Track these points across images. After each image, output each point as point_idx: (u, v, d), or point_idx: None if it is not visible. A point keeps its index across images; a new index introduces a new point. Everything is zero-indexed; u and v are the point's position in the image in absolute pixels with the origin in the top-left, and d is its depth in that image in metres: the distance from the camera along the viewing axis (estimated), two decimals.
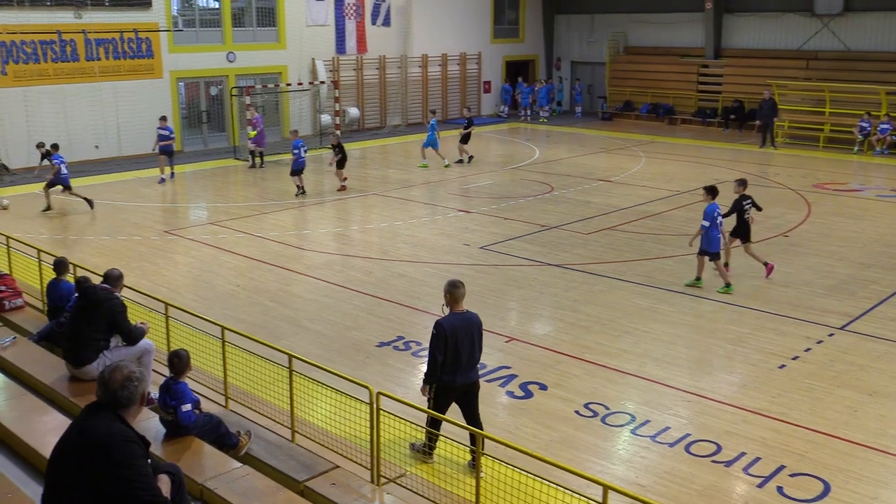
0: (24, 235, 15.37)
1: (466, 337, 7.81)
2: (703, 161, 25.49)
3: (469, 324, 7.89)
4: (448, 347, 7.71)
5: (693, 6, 33.62)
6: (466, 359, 7.84)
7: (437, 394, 7.91)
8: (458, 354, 7.76)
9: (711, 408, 9.43)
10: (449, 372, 7.79)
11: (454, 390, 7.90)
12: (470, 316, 7.95)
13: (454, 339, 7.72)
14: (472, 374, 8.01)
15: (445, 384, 7.85)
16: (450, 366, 7.76)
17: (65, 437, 4.55)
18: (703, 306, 12.82)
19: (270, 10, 29.01)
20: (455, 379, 7.82)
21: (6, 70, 23.09)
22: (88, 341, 8.25)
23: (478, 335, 7.96)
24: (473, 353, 7.92)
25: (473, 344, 7.89)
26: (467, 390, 8.02)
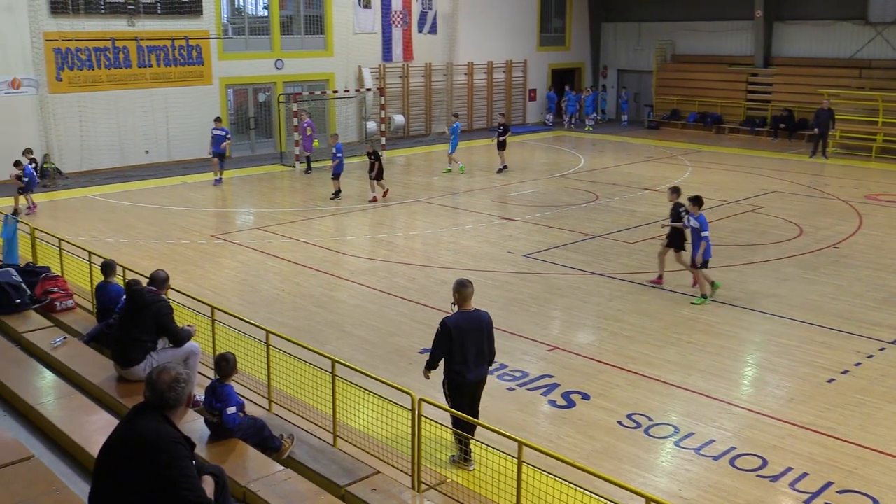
0: (76, 238, 15.70)
1: (475, 335, 7.99)
2: (751, 171, 25.14)
3: (478, 322, 8.07)
4: (455, 345, 7.88)
5: (743, 14, 33.21)
6: (475, 356, 8.02)
7: (452, 392, 8.09)
8: (465, 352, 7.94)
9: (757, 421, 9.28)
10: (459, 369, 7.97)
11: (467, 386, 8.09)
12: (480, 314, 8.13)
13: (461, 338, 7.90)
14: (482, 371, 8.21)
15: (458, 381, 8.03)
16: (459, 363, 7.95)
17: (112, 436, 4.62)
18: (749, 318, 12.63)
19: (319, 19, 29.32)
20: (466, 376, 8.02)
21: (61, 76, 23.63)
22: (136, 343, 8.37)
23: (487, 333, 8.14)
24: (482, 351, 8.11)
25: (482, 342, 8.08)
26: (476, 386, 8.23)
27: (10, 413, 7.86)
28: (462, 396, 8.11)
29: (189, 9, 25.55)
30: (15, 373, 8.43)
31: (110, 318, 9.76)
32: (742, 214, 19.20)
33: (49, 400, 7.89)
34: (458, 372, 8.00)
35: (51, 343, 9.36)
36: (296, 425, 8.34)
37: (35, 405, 7.68)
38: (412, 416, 7.15)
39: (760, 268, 15.09)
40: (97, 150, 24.28)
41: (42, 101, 23.30)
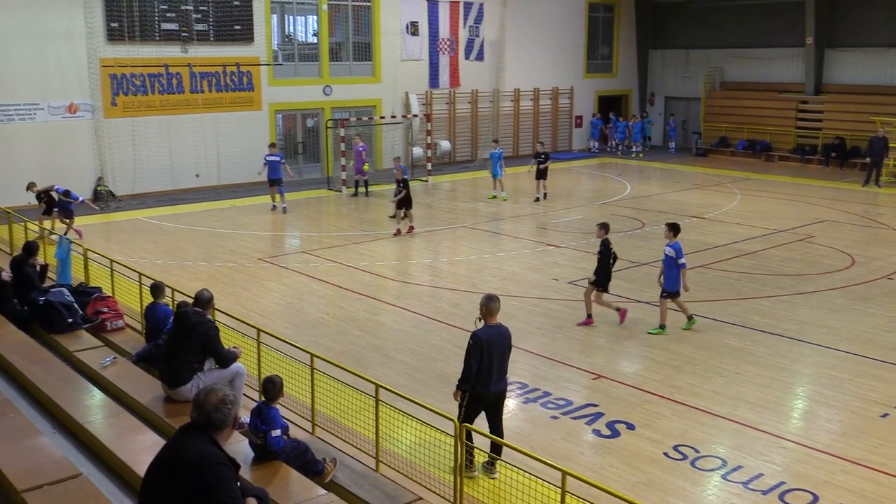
0: (127, 259, 15.99)
1: (499, 349, 8.21)
2: (801, 199, 24.76)
3: (501, 337, 8.29)
4: (483, 358, 8.06)
5: (793, 41, 32.91)
6: (498, 369, 8.22)
7: (469, 402, 8.21)
8: (490, 365, 8.12)
9: (808, 455, 9.06)
10: (483, 382, 8.13)
11: (486, 399, 8.27)
12: (502, 329, 8.34)
13: (489, 351, 8.09)
14: (503, 384, 8.42)
15: (479, 393, 8.18)
16: (484, 376, 8.12)
17: (159, 456, 4.67)
18: (799, 349, 12.38)
19: (367, 45, 29.68)
20: (489, 388, 8.19)
21: (116, 101, 24.20)
22: (183, 363, 8.47)
23: (508, 348, 8.37)
24: (504, 364, 8.34)
25: (504, 355, 8.32)
26: (497, 399, 8.40)
27: (61, 431, 8.00)
28: (478, 408, 8.29)
29: (241, 36, 26.05)
30: (66, 391, 8.58)
31: (159, 339, 9.91)
32: (792, 244, 18.90)
33: (98, 419, 8.01)
34: (483, 384, 8.14)
35: (101, 362, 9.52)
36: (339, 449, 8.35)
37: (84, 423, 7.80)
38: (455, 443, 7.12)
39: (811, 298, 14.82)
40: (149, 173, 24.77)
41: (97, 126, 23.88)
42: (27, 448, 7.01)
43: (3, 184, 21.94)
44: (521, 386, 10.93)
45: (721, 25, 35.51)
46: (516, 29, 33.19)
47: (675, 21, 37.35)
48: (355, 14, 29.40)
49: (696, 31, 36.41)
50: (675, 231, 13.11)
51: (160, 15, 24.47)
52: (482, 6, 32.10)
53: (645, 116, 37.17)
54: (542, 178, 24.39)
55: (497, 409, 8.44)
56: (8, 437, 7.15)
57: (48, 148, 23.20)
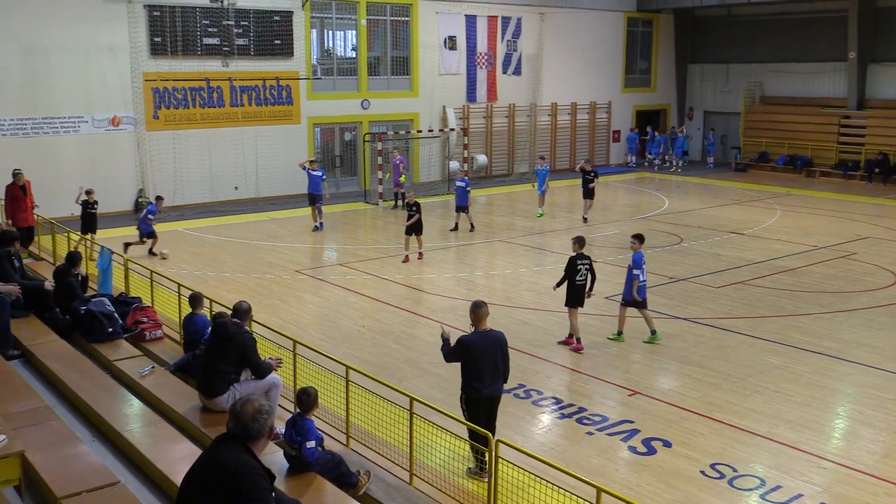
0: (167, 270, 16.20)
1: (489, 353, 8.45)
2: (843, 215, 24.39)
3: (493, 342, 8.52)
4: (470, 363, 8.43)
5: (835, 56, 32.51)
6: (490, 373, 8.46)
7: (469, 406, 8.52)
8: (481, 369, 8.42)
9: (849, 476, 8.88)
10: (476, 385, 8.43)
11: (482, 401, 8.49)
12: (494, 334, 8.57)
13: (476, 355, 8.41)
14: (497, 388, 8.60)
15: (475, 396, 8.48)
16: (476, 380, 8.44)
17: (195, 466, 4.70)
18: (841, 367, 12.16)
19: (405, 60, 29.86)
20: (482, 391, 8.44)
21: (158, 115, 24.59)
22: (220, 374, 8.54)
23: (501, 352, 8.55)
24: (497, 368, 8.53)
25: (497, 359, 8.51)
26: (491, 402, 8.61)
27: (100, 439, 8.10)
28: (478, 411, 8.47)
29: (280, 50, 26.35)
30: (105, 399, 8.70)
31: (197, 349, 10.01)
32: (833, 260, 18.60)
33: (136, 427, 8.10)
34: (475, 388, 8.44)
35: (139, 372, 9.63)
36: (373, 462, 8.36)
37: (123, 432, 7.90)
38: (489, 458, 7.09)
39: (853, 316, 14.56)
40: (189, 185, 25.11)
41: (139, 138, 24.27)
42: (67, 455, 7.11)
43: (47, 195, 22.32)
44: (557, 401, 10.86)
45: (761, 39, 35.20)
46: (554, 43, 33.18)
47: (715, 35, 37.09)
48: (394, 29, 29.60)
49: (735, 45, 36.11)
50: (640, 241, 13.19)
51: (202, 30, 24.84)
52: (520, 20, 32.15)
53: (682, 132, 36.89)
54: (589, 198, 23.46)
55: (491, 410, 8.63)
56: (49, 444, 7.26)
57: (91, 160, 23.62)
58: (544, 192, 24.25)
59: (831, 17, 32.64)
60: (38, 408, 8.10)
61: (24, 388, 8.67)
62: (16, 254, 12.28)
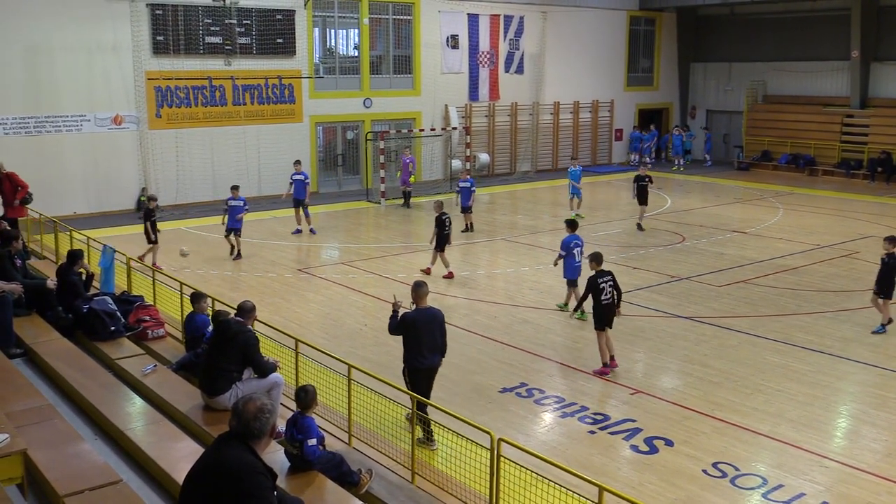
0: (169, 268, 16.21)
1: (428, 328, 9.26)
2: (846, 214, 24.36)
3: (431, 318, 9.35)
4: (411, 337, 9.21)
5: (838, 55, 32.48)
6: (429, 346, 9.25)
7: (411, 378, 9.26)
8: (420, 343, 9.19)
9: (851, 476, 8.88)
10: (416, 357, 9.21)
11: (422, 372, 9.26)
12: (433, 311, 9.43)
13: (416, 330, 9.20)
14: (435, 359, 9.42)
15: (415, 367, 9.24)
16: (415, 352, 9.21)
17: (197, 464, 4.71)
18: (843, 367, 12.15)
19: (407, 59, 29.85)
20: (422, 362, 9.23)
21: (160, 113, 24.60)
22: (222, 372, 8.55)
23: (439, 327, 9.39)
24: (435, 342, 9.33)
25: (435, 334, 9.32)
26: (430, 372, 9.39)
27: (102, 437, 8.12)
28: (420, 381, 9.22)
29: (283, 49, 26.35)
30: (107, 398, 8.71)
31: (199, 348, 10.02)
32: (836, 259, 18.59)
33: (138, 426, 8.11)
34: (416, 360, 9.21)
35: (142, 370, 9.65)
36: (374, 460, 8.37)
37: (125, 430, 7.91)
38: (491, 456, 7.09)
39: (855, 315, 14.55)
40: (191, 184, 25.11)
41: (142, 137, 24.28)
42: (69, 454, 7.12)
43: (50, 193, 22.36)
44: (559, 400, 10.86)
45: (764, 38, 35.17)
46: (557, 42, 33.15)
47: (718, 34, 37.06)
48: (396, 27, 29.59)
49: (738, 44, 36.08)
50: (570, 227, 14.73)
51: (204, 29, 24.84)
52: (522, 19, 32.13)
53: (686, 130, 36.87)
54: (643, 204, 21.93)
55: (429, 380, 9.43)
56: (51, 442, 7.27)
57: (94, 159, 23.64)
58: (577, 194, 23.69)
59: (834, 16, 32.60)
60: (40, 406, 8.11)
61: (26, 387, 8.68)
62: (18, 253, 12.30)
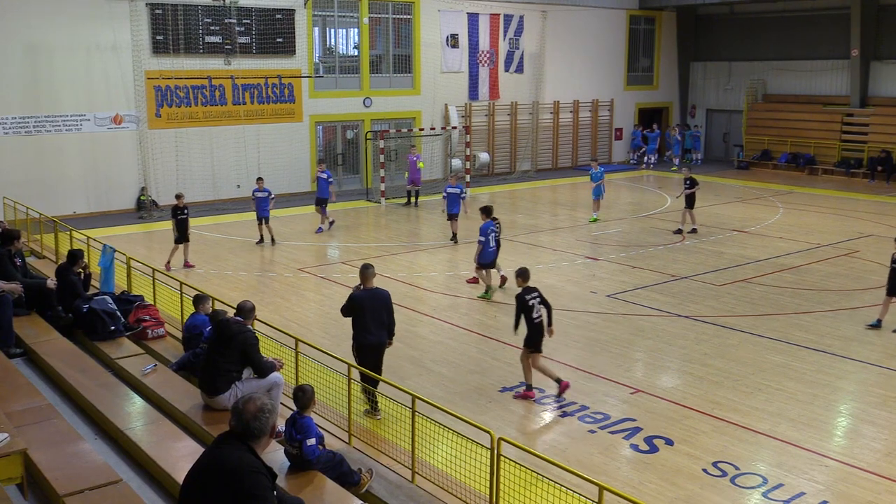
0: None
1: (374, 307, 9.95)
2: (845, 213, 24.36)
3: (379, 298, 10.06)
4: (358, 315, 9.93)
5: (838, 53, 32.48)
6: (375, 324, 9.94)
7: (358, 353, 9.98)
8: (366, 320, 9.90)
9: (851, 475, 8.88)
10: (362, 334, 9.93)
11: (368, 347, 9.94)
12: (381, 292, 10.16)
13: (362, 309, 9.92)
14: (381, 336, 10.05)
15: (362, 343, 9.96)
16: (363, 330, 9.92)
17: (197, 464, 4.70)
18: (843, 366, 12.15)
19: (407, 58, 29.85)
20: (368, 339, 9.93)
21: (160, 113, 24.60)
22: (222, 372, 8.54)
23: (385, 306, 10.06)
24: (381, 320, 10.01)
25: (381, 312, 10.01)
26: (377, 348, 10.03)
27: (102, 437, 8.11)
28: (366, 356, 9.89)
29: (282, 49, 26.35)
30: (107, 398, 8.71)
31: (198, 347, 10.01)
32: (836, 258, 18.59)
33: (138, 425, 8.11)
34: (363, 336, 9.92)
35: (142, 370, 9.65)
36: (375, 459, 8.37)
37: (125, 430, 7.91)
38: (491, 455, 7.09)
39: (856, 314, 14.55)
40: (191, 183, 25.07)
41: (141, 136, 24.27)
42: (69, 453, 7.12)
43: (50, 193, 22.40)
44: (558, 399, 10.85)
45: (764, 37, 35.17)
46: (556, 41, 33.14)
47: (717, 33, 37.05)
48: (396, 27, 29.59)
49: (738, 42, 36.08)
50: (487, 213, 15.59)
51: (204, 28, 24.84)
52: (522, 18, 32.12)
53: (688, 128, 36.87)
54: (689, 207, 21.31)
55: (377, 356, 10.05)
56: (51, 442, 7.27)
57: (93, 158, 23.65)
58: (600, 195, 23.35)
59: (834, 15, 32.59)
60: (40, 406, 8.11)
61: (26, 387, 8.68)
62: (18, 252, 12.29)
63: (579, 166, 34.21)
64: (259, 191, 19.94)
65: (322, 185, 21.82)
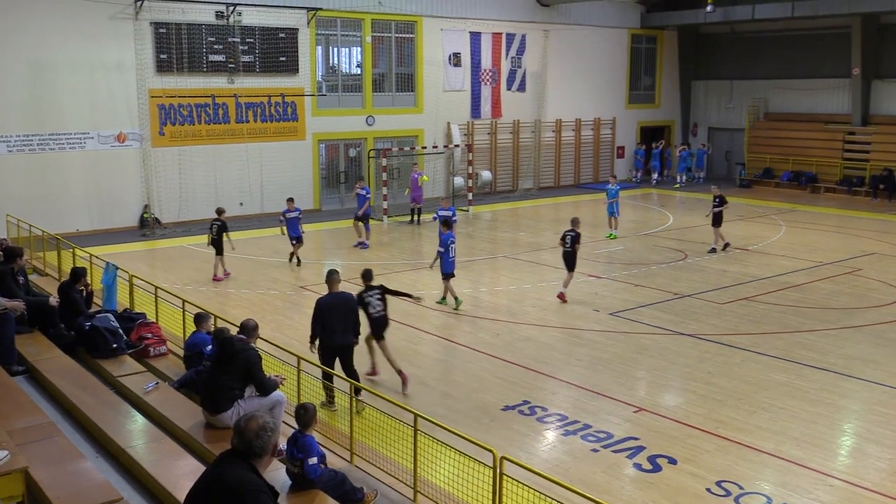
0: (171, 286, 16.19)
1: (339, 310, 10.61)
2: (848, 231, 24.35)
3: (342, 300, 10.74)
4: (325, 318, 10.52)
5: (840, 72, 32.57)
6: (340, 326, 10.58)
7: (322, 352, 10.56)
8: (332, 323, 10.53)
9: (856, 494, 8.83)
10: (328, 336, 10.55)
11: (333, 348, 10.58)
12: (344, 295, 10.85)
13: (328, 312, 10.57)
14: (346, 338, 10.68)
15: (327, 344, 10.56)
16: (329, 331, 10.54)
17: (199, 483, 4.69)
18: (847, 384, 12.11)
19: (409, 76, 29.98)
20: (333, 340, 10.55)
21: (164, 131, 24.68)
22: (224, 390, 8.52)
23: (350, 310, 10.75)
24: (346, 322, 10.68)
25: (346, 315, 10.69)
26: (343, 349, 10.65)
27: (103, 455, 8.09)
28: (329, 356, 10.54)
29: (286, 67, 26.47)
30: (109, 416, 8.69)
31: (199, 365, 10.00)
32: (838, 277, 18.56)
33: (139, 443, 8.08)
34: (328, 337, 10.54)
35: (143, 388, 9.62)
36: (376, 478, 8.33)
37: (126, 448, 7.88)
38: (493, 474, 7.06)
39: (859, 332, 14.51)
40: (194, 201, 25.15)
41: (145, 154, 24.33)
42: (71, 471, 7.10)
43: (53, 210, 22.43)
44: (561, 418, 10.82)
45: (765, 56, 35.29)
46: (558, 60, 33.27)
47: (719, 52, 37.19)
48: (398, 46, 29.73)
49: (739, 61, 36.20)
50: (446, 226, 16.64)
51: (208, 47, 24.97)
52: (524, 37, 32.27)
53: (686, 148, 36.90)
54: (716, 225, 21.45)
55: (345, 357, 10.66)
56: (52, 460, 7.25)
57: (97, 176, 23.71)
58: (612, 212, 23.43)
59: (835, 34, 32.71)
60: (41, 424, 8.09)
61: (28, 404, 8.66)
62: (20, 270, 12.30)
63: (581, 184, 34.29)
64: (290, 211, 19.98)
65: (361, 200, 22.16)
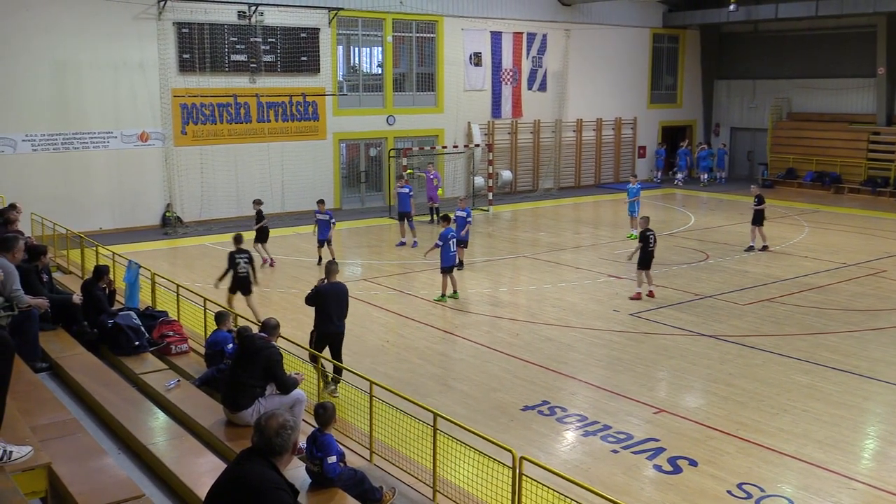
0: (193, 284, 16.29)
1: (335, 299, 11.23)
2: (872, 232, 24.11)
3: (337, 290, 11.32)
4: (321, 305, 11.18)
5: (864, 72, 32.24)
6: (336, 314, 11.23)
7: (317, 339, 11.19)
8: (329, 310, 11.16)
9: (879, 498, 8.74)
10: (324, 323, 11.18)
11: (327, 336, 11.21)
12: (339, 286, 11.40)
13: (325, 300, 11.17)
14: (339, 326, 11.32)
15: (322, 331, 11.20)
16: (325, 319, 11.17)
17: (220, 480, 4.71)
18: (870, 387, 11.99)
19: (430, 76, 29.99)
20: (330, 328, 11.20)
21: (186, 130, 24.84)
22: (246, 388, 8.56)
23: (343, 299, 11.38)
24: (340, 311, 11.31)
25: (340, 304, 11.30)
26: (336, 337, 11.31)
27: (126, 451, 8.15)
28: (322, 343, 11.14)
29: (307, 67, 26.56)
30: (131, 413, 8.74)
31: (220, 363, 10.06)
32: (862, 278, 18.38)
33: (161, 441, 8.13)
34: (325, 324, 11.17)
35: (165, 385, 9.68)
36: (395, 477, 8.35)
37: (148, 445, 7.93)
38: (513, 475, 7.05)
39: (883, 334, 14.37)
40: (216, 200, 25.30)
41: (167, 154, 24.51)
42: (93, 468, 7.15)
43: (76, 209, 22.63)
44: (581, 418, 10.79)
45: (788, 55, 35.00)
46: (580, 59, 33.17)
47: (741, 51, 36.92)
48: (419, 45, 29.74)
49: (762, 61, 35.93)
50: (445, 220, 17.05)
51: (230, 47, 25.10)
52: (545, 37, 32.19)
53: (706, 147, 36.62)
54: (757, 224, 21.32)
55: (335, 344, 11.28)
56: (75, 456, 7.31)
57: (120, 175, 23.90)
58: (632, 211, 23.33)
59: (860, 33, 32.39)
60: (65, 420, 8.15)
61: (51, 401, 8.73)
62: (44, 268, 12.41)
63: (602, 184, 34.18)
64: (320, 213, 19.84)
65: (404, 199, 22.31)
